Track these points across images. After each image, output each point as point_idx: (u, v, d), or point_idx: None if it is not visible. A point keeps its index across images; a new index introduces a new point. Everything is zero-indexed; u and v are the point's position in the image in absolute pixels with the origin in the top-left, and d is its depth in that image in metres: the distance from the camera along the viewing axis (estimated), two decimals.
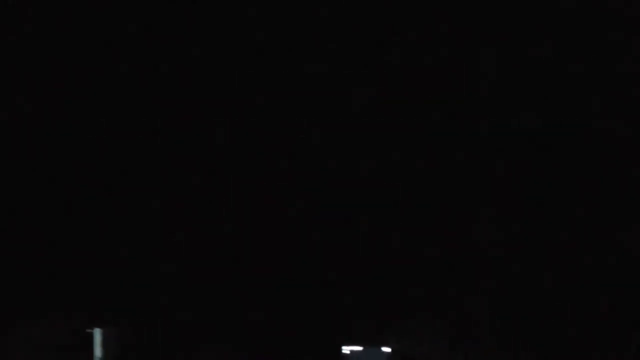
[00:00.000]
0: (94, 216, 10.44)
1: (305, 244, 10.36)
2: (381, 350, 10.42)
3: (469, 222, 10.08)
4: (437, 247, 10.13)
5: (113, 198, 10.44)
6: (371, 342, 10.40)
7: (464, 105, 10.07)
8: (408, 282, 10.21)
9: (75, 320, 10.37)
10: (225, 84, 10.36)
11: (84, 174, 10.38)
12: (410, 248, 10.19)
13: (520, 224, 10.02)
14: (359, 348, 10.45)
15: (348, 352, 10.47)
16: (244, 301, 10.48)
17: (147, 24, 10.27)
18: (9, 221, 10.31)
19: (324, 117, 10.29)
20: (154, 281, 10.46)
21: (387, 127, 10.21)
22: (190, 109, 10.40)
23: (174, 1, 10.27)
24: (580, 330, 9.74)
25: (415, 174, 10.15)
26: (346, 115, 10.26)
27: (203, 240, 10.48)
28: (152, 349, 10.48)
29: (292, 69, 10.26)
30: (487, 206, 10.03)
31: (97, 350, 10.45)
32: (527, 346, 9.92)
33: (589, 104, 9.79)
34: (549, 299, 9.89)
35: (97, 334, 10.48)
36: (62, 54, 10.32)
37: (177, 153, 10.50)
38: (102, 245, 10.42)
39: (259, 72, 10.29)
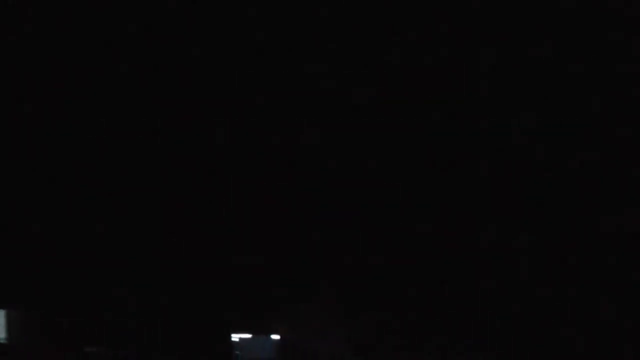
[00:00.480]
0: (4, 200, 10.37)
1: (197, 235, 10.41)
2: (269, 337, 10.65)
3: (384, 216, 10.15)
4: (335, 239, 10.17)
5: (24, 185, 10.40)
6: (259, 330, 10.62)
7: (464, 105, 10.08)
8: (297, 271, 10.30)
9: None
10: (225, 84, 10.36)
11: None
12: (303, 239, 10.25)
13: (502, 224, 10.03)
14: (247, 336, 10.67)
15: (237, 339, 10.68)
16: (136, 290, 10.51)
17: (147, 24, 10.27)
18: None
19: (324, 117, 10.30)
20: (59, 264, 10.44)
21: (387, 127, 10.22)
22: (190, 109, 10.41)
23: (174, 1, 10.27)
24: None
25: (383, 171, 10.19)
26: (346, 115, 10.26)
27: (103, 227, 10.49)
28: (55, 330, 10.49)
29: (292, 69, 10.27)
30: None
31: (1, 332, 10.43)
32: (425, 335, 9.99)
33: (589, 104, 9.79)
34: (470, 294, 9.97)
35: (1, 316, 10.45)
36: (62, 54, 10.32)
37: (177, 153, 10.51)
38: (9, 229, 10.38)
39: (259, 72, 10.29)
